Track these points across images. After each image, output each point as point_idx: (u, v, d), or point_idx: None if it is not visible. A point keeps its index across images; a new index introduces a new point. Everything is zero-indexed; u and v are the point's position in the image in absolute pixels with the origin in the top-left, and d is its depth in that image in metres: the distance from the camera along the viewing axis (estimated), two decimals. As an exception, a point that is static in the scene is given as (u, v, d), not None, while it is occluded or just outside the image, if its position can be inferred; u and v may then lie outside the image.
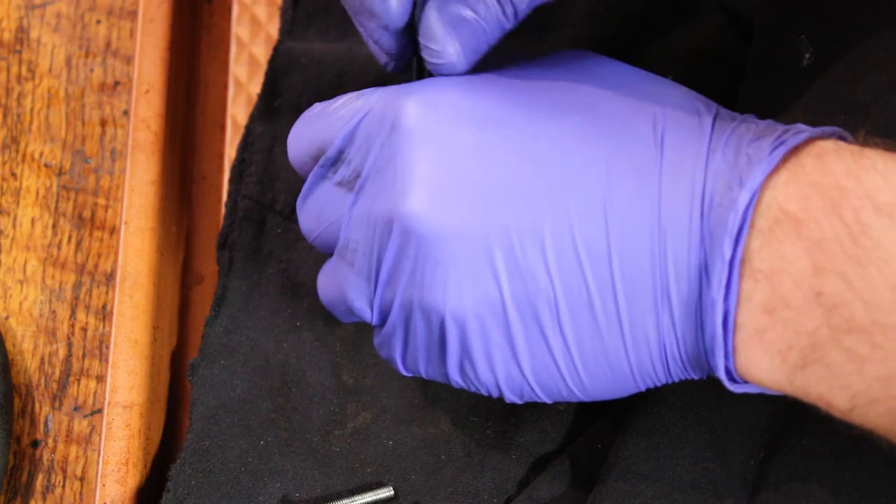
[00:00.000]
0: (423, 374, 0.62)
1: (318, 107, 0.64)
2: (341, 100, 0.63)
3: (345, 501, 0.68)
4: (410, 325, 0.60)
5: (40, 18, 0.82)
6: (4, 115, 0.80)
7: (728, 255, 0.55)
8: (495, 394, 0.61)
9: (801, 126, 0.57)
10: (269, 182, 0.76)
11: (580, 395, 0.60)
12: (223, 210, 0.76)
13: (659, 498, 0.64)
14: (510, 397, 0.61)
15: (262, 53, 0.82)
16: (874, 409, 0.54)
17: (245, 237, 0.75)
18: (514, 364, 0.59)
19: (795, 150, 0.56)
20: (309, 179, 0.63)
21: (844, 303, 0.53)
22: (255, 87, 0.79)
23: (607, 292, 0.57)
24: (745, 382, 0.57)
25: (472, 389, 0.61)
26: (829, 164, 0.55)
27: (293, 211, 0.75)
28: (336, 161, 0.62)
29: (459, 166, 0.58)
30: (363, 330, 0.72)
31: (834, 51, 0.71)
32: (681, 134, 0.57)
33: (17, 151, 0.79)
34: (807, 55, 0.71)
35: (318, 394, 0.71)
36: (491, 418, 0.70)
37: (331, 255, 0.64)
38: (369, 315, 0.62)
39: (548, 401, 0.61)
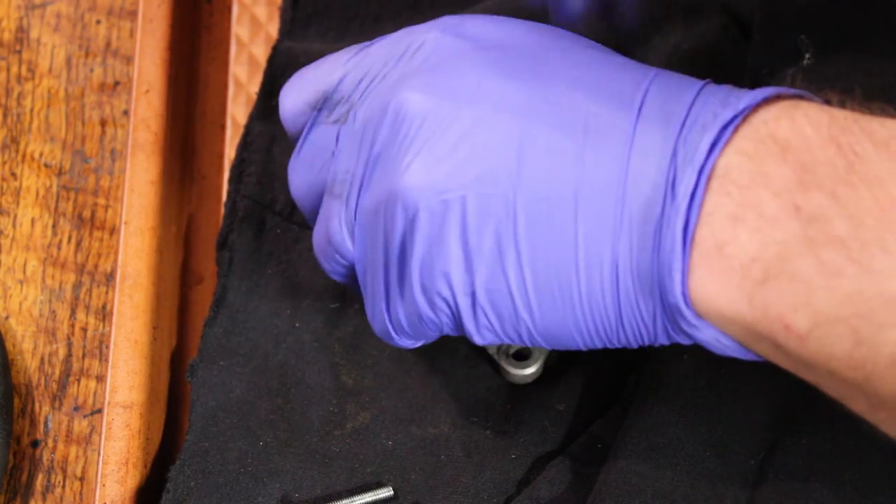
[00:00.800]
0: (391, 318, 0.62)
1: (312, 64, 0.64)
2: (343, 50, 0.63)
3: (344, 502, 0.68)
4: (376, 244, 0.60)
5: (40, 18, 0.82)
6: (4, 115, 0.80)
7: (698, 164, 0.53)
8: (452, 323, 0.60)
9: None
10: (269, 182, 0.76)
11: (531, 326, 0.58)
12: (223, 210, 0.76)
13: (658, 497, 0.64)
14: (467, 325, 0.59)
15: (262, 53, 0.82)
16: (835, 330, 0.51)
17: (244, 238, 0.75)
18: (468, 278, 0.58)
19: (794, 97, 0.54)
20: (306, 128, 0.63)
21: (826, 217, 0.51)
22: (255, 87, 0.79)
23: (567, 204, 0.55)
24: (699, 319, 0.54)
25: (434, 320, 0.60)
26: (828, 108, 0.53)
27: (293, 211, 0.75)
28: (334, 101, 0.62)
29: (457, 74, 0.58)
30: (362, 331, 0.72)
31: (835, 52, 0.71)
32: (672, 80, 0.57)
33: (17, 151, 0.79)
34: (807, 55, 0.71)
35: (317, 394, 0.71)
36: (491, 418, 0.70)
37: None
38: (348, 248, 0.61)
39: (502, 334, 0.59)
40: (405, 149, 0.58)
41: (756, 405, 0.65)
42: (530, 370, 0.69)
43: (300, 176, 0.64)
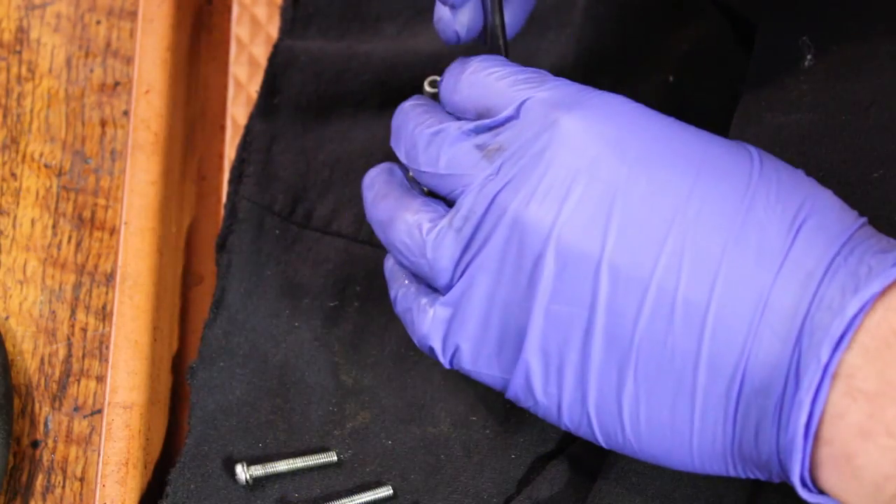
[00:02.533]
0: (456, 358, 0.62)
1: (494, 66, 0.63)
2: (519, 73, 0.62)
3: (344, 501, 0.68)
4: (489, 314, 0.60)
5: (40, 19, 0.83)
6: (4, 116, 0.80)
7: (824, 360, 0.53)
8: (552, 414, 0.60)
9: None
10: (268, 183, 0.76)
11: (635, 448, 0.59)
12: (223, 210, 0.76)
13: (658, 497, 0.64)
14: (566, 422, 0.60)
15: (262, 53, 0.82)
16: None
17: (244, 239, 0.75)
18: (580, 388, 0.59)
19: None
20: (461, 132, 0.62)
21: None
22: (255, 87, 0.79)
23: (690, 358, 0.56)
24: (820, 496, 0.55)
25: (522, 399, 0.61)
26: None
27: (291, 212, 0.75)
28: (489, 129, 0.61)
29: (591, 194, 0.57)
30: (361, 329, 0.72)
31: (835, 52, 0.71)
32: (821, 227, 0.56)
33: (17, 152, 0.79)
34: (808, 56, 0.71)
35: (316, 394, 0.71)
36: (491, 418, 0.70)
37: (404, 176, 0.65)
38: (446, 277, 0.61)
39: (603, 444, 0.60)
40: (531, 271, 0.58)
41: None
42: None
43: (434, 168, 0.63)
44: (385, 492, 0.68)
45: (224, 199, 0.77)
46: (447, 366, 0.62)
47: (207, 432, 0.70)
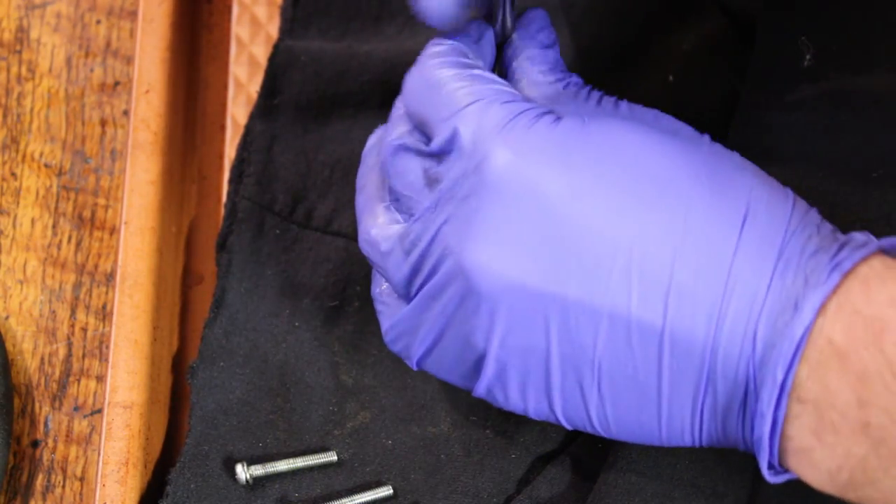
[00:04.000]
0: (424, 365, 0.63)
1: (436, 70, 0.62)
2: (457, 81, 0.61)
3: (344, 501, 0.68)
4: (442, 343, 0.61)
5: (40, 18, 0.83)
6: (4, 115, 0.80)
7: (780, 379, 0.55)
8: (520, 413, 0.61)
9: (860, 238, 0.57)
10: (268, 182, 0.76)
11: (604, 436, 0.61)
12: (223, 210, 0.76)
13: (659, 496, 0.64)
14: (536, 419, 0.61)
15: (262, 53, 0.82)
16: None
17: (244, 239, 0.75)
18: (546, 401, 0.60)
19: (847, 274, 0.56)
20: (403, 142, 0.62)
21: (891, 436, 0.54)
22: (255, 87, 0.79)
23: (651, 373, 0.57)
24: (791, 473, 0.58)
25: (491, 402, 0.62)
26: (873, 292, 0.55)
27: (292, 212, 0.75)
28: (431, 153, 0.61)
29: (533, 225, 0.57)
30: (362, 329, 0.72)
31: (834, 52, 0.71)
32: (758, 229, 0.57)
33: (17, 151, 0.79)
34: (808, 56, 0.71)
35: (316, 394, 0.71)
36: (491, 418, 0.70)
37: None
38: (404, 293, 0.61)
39: (570, 428, 0.61)
40: (478, 314, 0.59)
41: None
42: None
43: (392, 179, 0.63)
44: (385, 491, 0.68)
45: (224, 198, 0.77)
46: (414, 367, 0.63)
47: (208, 432, 0.70)
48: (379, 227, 0.62)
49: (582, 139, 0.58)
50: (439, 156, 0.60)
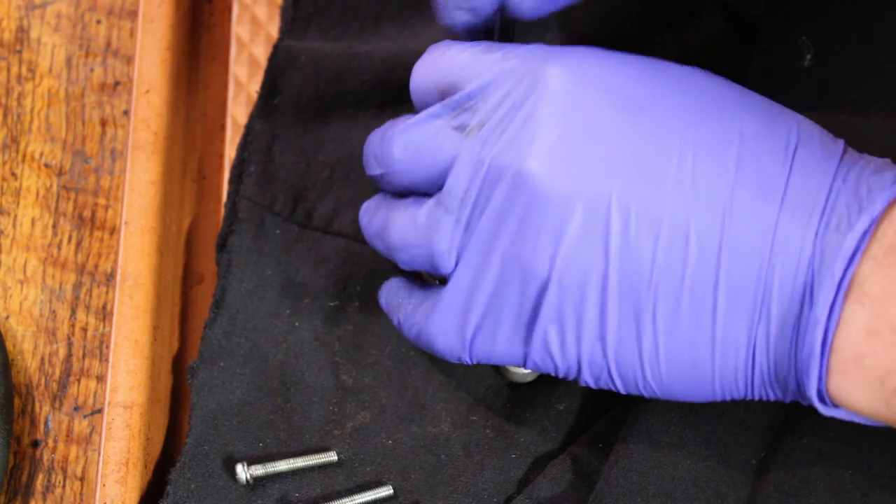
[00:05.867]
0: (475, 345, 0.62)
1: (452, 46, 0.63)
2: (480, 46, 0.62)
3: (344, 501, 0.68)
4: (500, 284, 0.60)
5: (40, 18, 0.83)
6: (4, 115, 0.80)
7: (838, 277, 0.55)
8: (572, 373, 0.61)
9: None
10: (268, 182, 0.76)
11: (655, 390, 0.60)
12: (223, 210, 0.76)
13: (660, 496, 0.64)
14: (586, 378, 0.61)
15: (263, 53, 0.82)
16: None
17: (244, 239, 0.75)
18: (600, 343, 0.59)
19: None
20: (424, 113, 0.62)
21: None
22: (256, 87, 0.79)
23: (708, 291, 0.57)
24: (836, 407, 0.57)
25: (542, 366, 0.61)
26: None
27: (292, 211, 0.75)
28: (459, 105, 0.61)
29: (592, 139, 0.58)
30: (362, 329, 0.72)
31: (835, 52, 0.71)
32: (812, 154, 0.58)
33: (18, 151, 0.79)
34: (808, 56, 0.71)
35: (317, 394, 0.71)
36: (491, 418, 0.70)
37: (391, 193, 0.65)
38: (449, 262, 0.61)
39: (622, 391, 0.61)
40: (541, 232, 0.58)
41: (757, 404, 0.65)
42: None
43: (400, 153, 0.63)
44: (385, 491, 0.68)
45: (224, 198, 0.77)
46: (469, 361, 0.63)
47: (208, 432, 0.70)
48: (411, 212, 0.62)
49: (635, 62, 0.60)
50: (469, 102, 0.60)
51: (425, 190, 0.63)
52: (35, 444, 0.72)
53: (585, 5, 0.78)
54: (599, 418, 0.69)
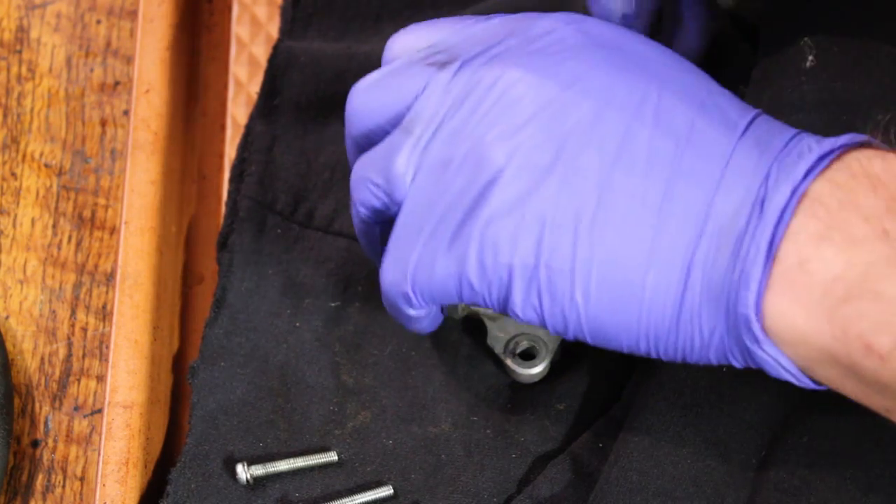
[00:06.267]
0: (417, 275, 0.60)
1: (429, 22, 0.64)
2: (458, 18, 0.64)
3: (344, 501, 0.68)
4: (453, 170, 0.59)
5: (40, 18, 0.83)
6: (4, 115, 0.80)
7: (792, 185, 0.54)
8: (503, 290, 0.59)
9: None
10: (269, 182, 0.76)
11: (581, 312, 0.58)
12: (223, 210, 0.76)
13: (660, 496, 0.64)
14: (514, 297, 0.59)
15: (262, 53, 0.82)
16: None
17: (245, 238, 0.75)
18: (534, 251, 0.57)
19: (885, 148, 0.56)
20: (400, 60, 0.62)
21: None
22: (256, 87, 0.79)
23: (654, 204, 0.56)
24: (765, 336, 0.55)
25: (477, 288, 0.59)
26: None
27: (293, 211, 0.75)
28: (434, 48, 0.62)
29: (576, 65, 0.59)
30: (363, 329, 0.72)
31: (836, 53, 0.71)
32: (774, 120, 0.58)
33: (17, 151, 0.79)
34: (810, 57, 0.71)
35: (317, 394, 0.71)
36: (491, 418, 0.70)
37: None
38: (403, 185, 0.60)
39: (546, 313, 0.59)
40: (506, 114, 0.58)
41: (757, 403, 0.65)
42: (537, 370, 0.69)
43: (374, 96, 0.62)
44: (385, 491, 0.68)
45: (224, 198, 0.77)
46: (414, 298, 0.61)
47: (208, 432, 0.70)
48: (374, 150, 0.62)
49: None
50: (431, 53, 0.61)
51: (383, 128, 0.62)
52: (35, 444, 0.72)
53: (586, 10, 0.78)
54: (599, 418, 0.69)
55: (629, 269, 0.57)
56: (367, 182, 0.62)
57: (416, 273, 0.60)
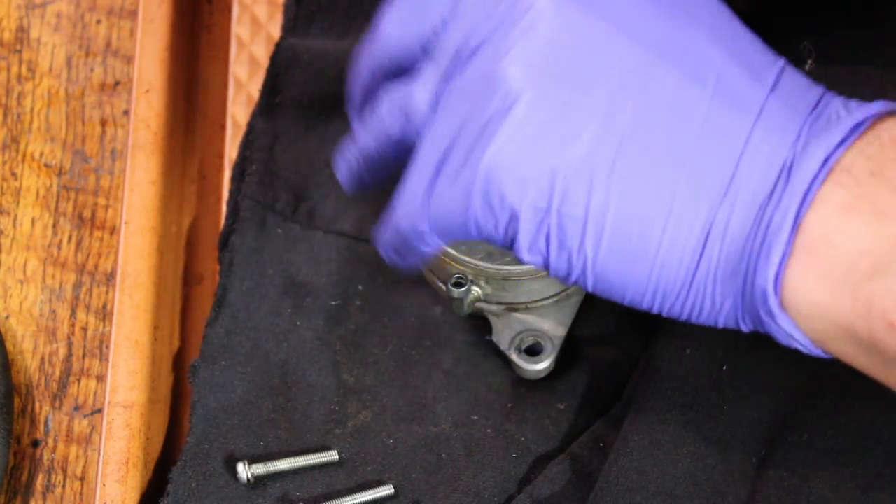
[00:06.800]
0: (433, 206, 0.57)
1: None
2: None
3: (345, 500, 0.68)
4: (469, 97, 0.56)
5: (40, 18, 0.83)
6: (4, 115, 0.80)
7: (822, 156, 0.52)
8: (511, 227, 0.56)
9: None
10: (270, 181, 0.76)
11: (589, 258, 0.55)
12: (223, 210, 0.76)
13: (660, 495, 0.64)
14: (523, 237, 0.55)
15: (263, 53, 0.82)
16: None
17: (246, 237, 0.75)
18: (548, 191, 0.54)
19: None
20: None
21: None
22: (256, 87, 0.79)
23: (676, 163, 0.54)
24: (781, 308, 0.53)
25: (483, 224, 0.56)
26: None
27: (294, 210, 0.75)
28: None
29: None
30: (363, 329, 0.72)
31: (836, 57, 0.71)
32: (802, 74, 0.56)
33: (18, 151, 0.79)
34: (809, 61, 0.71)
35: (318, 393, 0.71)
36: (491, 417, 0.70)
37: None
38: (423, 112, 0.57)
39: (553, 255, 0.56)
40: (528, 35, 0.55)
41: (757, 402, 0.66)
42: (543, 365, 0.69)
43: (398, 20, 0.59)
44: (386, 490, 0.68)
45: (224, 198, 0.77)
46: (427, 233, 0.58)
47: (209, 431, 0.70)
48: (396, 81, 0.59)
49: None
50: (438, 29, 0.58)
51: (406, 57, 0.59)
52: (35, 443, 0.72)
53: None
54: (600, 418, 0.69)
55: (645, 225, 0.54)
56: (390, 109, 0.59)
57: (421, 208, 0.57)
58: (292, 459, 0.69)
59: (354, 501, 0.68)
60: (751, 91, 0.54)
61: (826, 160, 0.52)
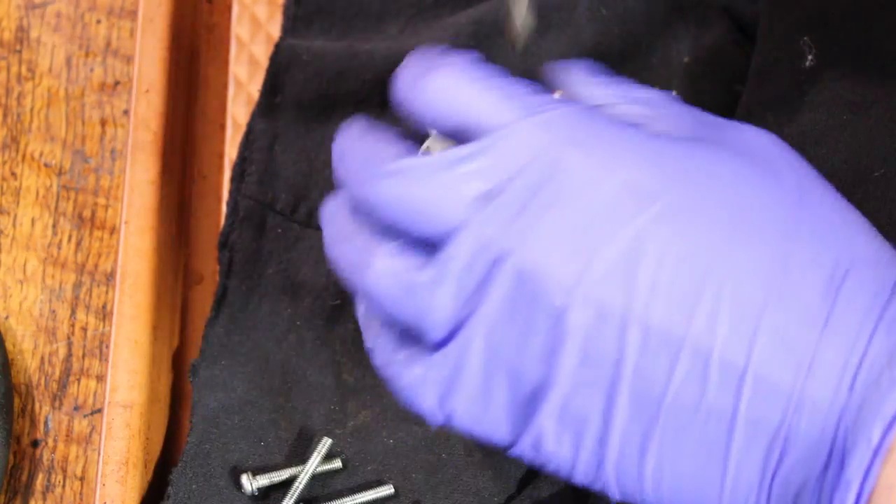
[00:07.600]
0: (456, 418, 0.55)
1: (461, 75, 0.55)
2: (493, 84, 0.54)
3: (345, 500, 0.68)
4: (498, 372, 0.54)
5: (40, 18, 0.82)
6: (4, 115, 0.80)
7: (875, 442, 0.49)
8: (563, 472, 0.54)
9: None
10: (270, 181, 0.76)
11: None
12: (223, 210, 0.76)
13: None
14: (578, 479, 0.54)
15: (263, 53, 0.82)
16: None
17: (245, 237, 0.75)
18: (597, 453, 0.53)
19: None
20: (424, 162, 0.54)
21: None
22: (256, 87, 0.79)
23: (724, 423, 0.51)
24: None
25: (530, 460, 0.55)
26: None
27: (294, 210, 0.75)
28: (467, 159, 0.53)
29: (617, 244, 0.52)
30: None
31: (836, 53, 0.71)
32: (858, 290, 0.52)
33: (17, 151, 0.79)
34: (809, 57, 0.71)
35: (318, 393, 0.71)
36: (492, 417, 0.70)
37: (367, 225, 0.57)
38: (441, 332, 0.54)
39: (618, 498, 0.54)
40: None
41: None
42: None
43: (399, 202, 0.54)
44: (386, 490, 0.68)
45: (224, 198, 0.77)
46: (440, 420, 0.56)
47: (209, 431, 0.70)
48: (403, 263, 0.54)
49: (667, 153, 0.53)
50: (481, 156, 0.53)
51: (406, 233, 0.55)
52: (35, 443, 0.72)
53: (589, 6, 0.78)
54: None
55: (703, 487, 0.52)
56: (397, 304, 0.55)
57: (455, 417, 0.56)
58: (296, 468, 0.68)
59: (354, 501, 0.68)
60: (792, 353, 0.51)
61: (878, 448, 0.50)
